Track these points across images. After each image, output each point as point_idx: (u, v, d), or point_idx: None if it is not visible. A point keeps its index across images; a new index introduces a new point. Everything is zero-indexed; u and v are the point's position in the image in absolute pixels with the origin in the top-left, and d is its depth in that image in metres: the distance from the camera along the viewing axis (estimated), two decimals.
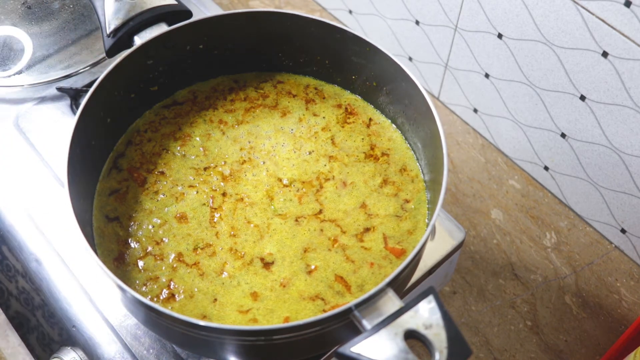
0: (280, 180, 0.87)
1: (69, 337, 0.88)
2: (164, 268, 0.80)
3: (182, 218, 0.84)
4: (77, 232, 0.72)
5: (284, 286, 0.79)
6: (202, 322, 0.67)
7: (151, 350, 0.83)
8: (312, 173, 0.88)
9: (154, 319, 0.73)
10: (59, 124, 1.01)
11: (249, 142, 0.90)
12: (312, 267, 0.80)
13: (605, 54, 0.92)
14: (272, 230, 0.83)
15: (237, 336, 0.70)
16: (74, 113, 1.01)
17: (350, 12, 1.29)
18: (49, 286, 0.89)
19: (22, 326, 0.99)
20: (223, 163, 0.88)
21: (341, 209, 0.85)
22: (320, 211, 0.85)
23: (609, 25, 0.89)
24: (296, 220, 0.84)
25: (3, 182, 0.96)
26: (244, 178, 0.87)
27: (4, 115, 1.02)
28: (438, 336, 0.64)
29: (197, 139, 0.91)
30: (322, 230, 0.83)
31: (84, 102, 0.80)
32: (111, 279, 0.70)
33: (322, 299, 0.78)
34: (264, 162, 0.89)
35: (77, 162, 0.79)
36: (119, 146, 0.90)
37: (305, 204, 0.85)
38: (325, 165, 0.89)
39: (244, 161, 0.89)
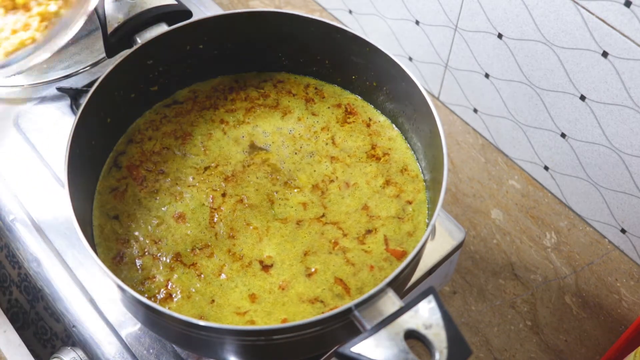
0: (281, 182, 0.87)
1: (69, 337, 0.88)
2: (161, 268, 0.80)
3: (180, 218, 0.84)
4: (77, 232, 0.72)
5: (283, 289, 0.79)
6: (202, 322, 0.67)
7: (151, 350, 0.83)
8: (317, 175, 0.87)
9: (153, 318, 0.73)
10: (59, 124, 1.00)
11: (250, 142, 0.90)
12: (312, 269, 0.80)
13: (605, 54, 0.92)
14: (272, 234, 0.83)
15: (237, 336, 0.70)
16: (74, 113, 1.01)
17: (350, 12, 1.29)
18: (49, 286, 0.89)
19: (22, 326, 0.99)
20: (226, 163, 0.88)
21: (343, 211, 0.85)
22: (323, 214, 0.84)
23: (609, 25, 0.89)
24: (297, 224, 0.84)
25: (3, 182, 0.96)
26: (245, 179, 0.87)
27: (4, 115, 1.02)
28: (438, 336, 0.64)
29: (199, 138, 0.90)
30: (322, 233, 0.83)
31: (84, 102, 0.80)
32: (110, 279, 0.70)
33: (322, 302, 0.78)
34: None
35: (77, 162, 0.78)
36: (119, 146, 0.90)
37: (307, 207, 0.85)
38: (327, 167, 0.88)
39: (245, 161, 0.89)
